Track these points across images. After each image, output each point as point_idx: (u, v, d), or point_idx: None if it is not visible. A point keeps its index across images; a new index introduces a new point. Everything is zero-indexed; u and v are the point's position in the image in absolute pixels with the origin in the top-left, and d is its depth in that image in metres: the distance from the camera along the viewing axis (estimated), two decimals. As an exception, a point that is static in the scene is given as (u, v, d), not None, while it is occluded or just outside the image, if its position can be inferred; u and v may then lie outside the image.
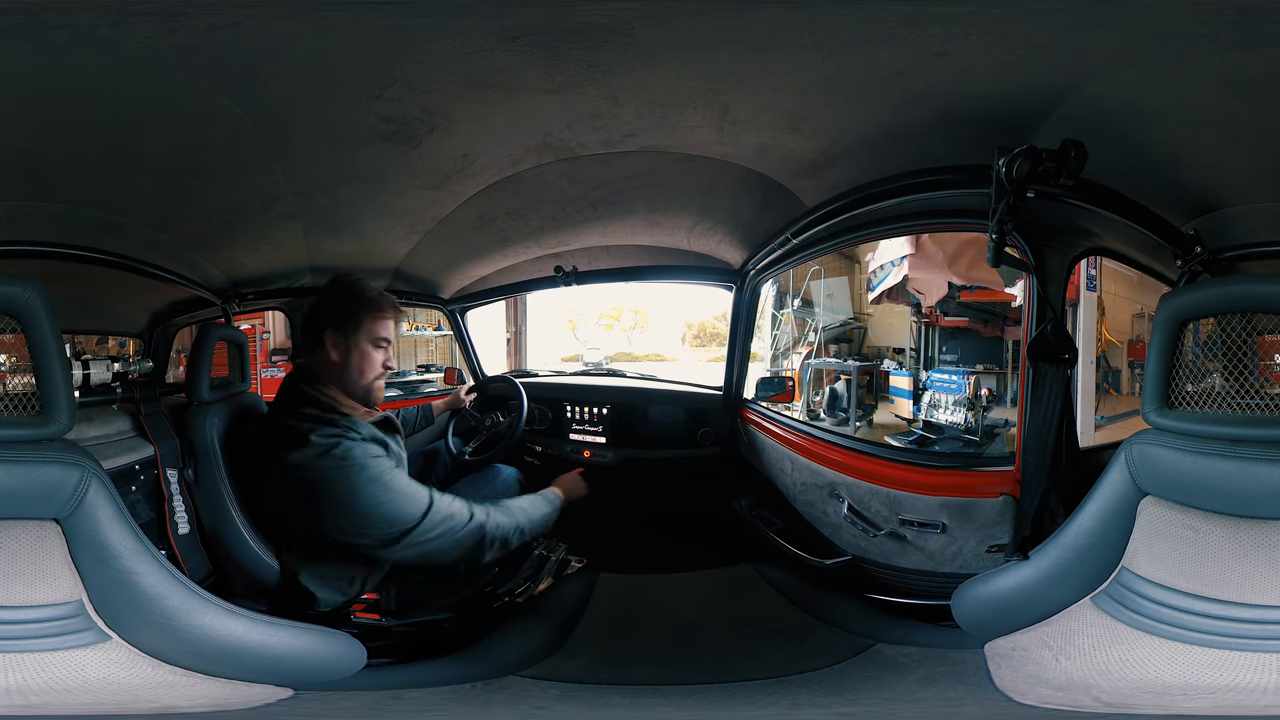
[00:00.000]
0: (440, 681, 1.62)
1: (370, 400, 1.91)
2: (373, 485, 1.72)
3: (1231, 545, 1.37)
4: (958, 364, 5.34)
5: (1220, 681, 1.31)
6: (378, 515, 1.72)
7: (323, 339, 1.87)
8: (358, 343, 1.87)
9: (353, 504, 1.71)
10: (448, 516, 1.79)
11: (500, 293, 3.44)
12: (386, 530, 1.72)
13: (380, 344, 1.90)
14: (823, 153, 1.81)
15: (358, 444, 1.75)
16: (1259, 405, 1.39)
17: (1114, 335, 4.53)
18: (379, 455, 1.77)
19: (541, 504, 2.06)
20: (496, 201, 2.17)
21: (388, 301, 1.92)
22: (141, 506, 1.88)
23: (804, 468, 2.44)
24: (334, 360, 1.87)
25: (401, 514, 1.73)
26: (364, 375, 1.88)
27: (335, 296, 1.92)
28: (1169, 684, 1.35)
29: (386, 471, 1.76)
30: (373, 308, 1.89)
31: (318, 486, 1.71)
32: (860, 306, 6.52)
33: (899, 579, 2.09)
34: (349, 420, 1.80)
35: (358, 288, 1.92)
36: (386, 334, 1.91)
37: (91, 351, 2.27)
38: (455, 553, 1.81)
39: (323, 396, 1.83)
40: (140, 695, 1.33)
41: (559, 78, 1.43)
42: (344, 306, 1.89)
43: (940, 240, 4.94)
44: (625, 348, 11.07)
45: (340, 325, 1.87)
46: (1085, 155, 1.39)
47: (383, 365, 1.91)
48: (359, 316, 1.88)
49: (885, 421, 5.85)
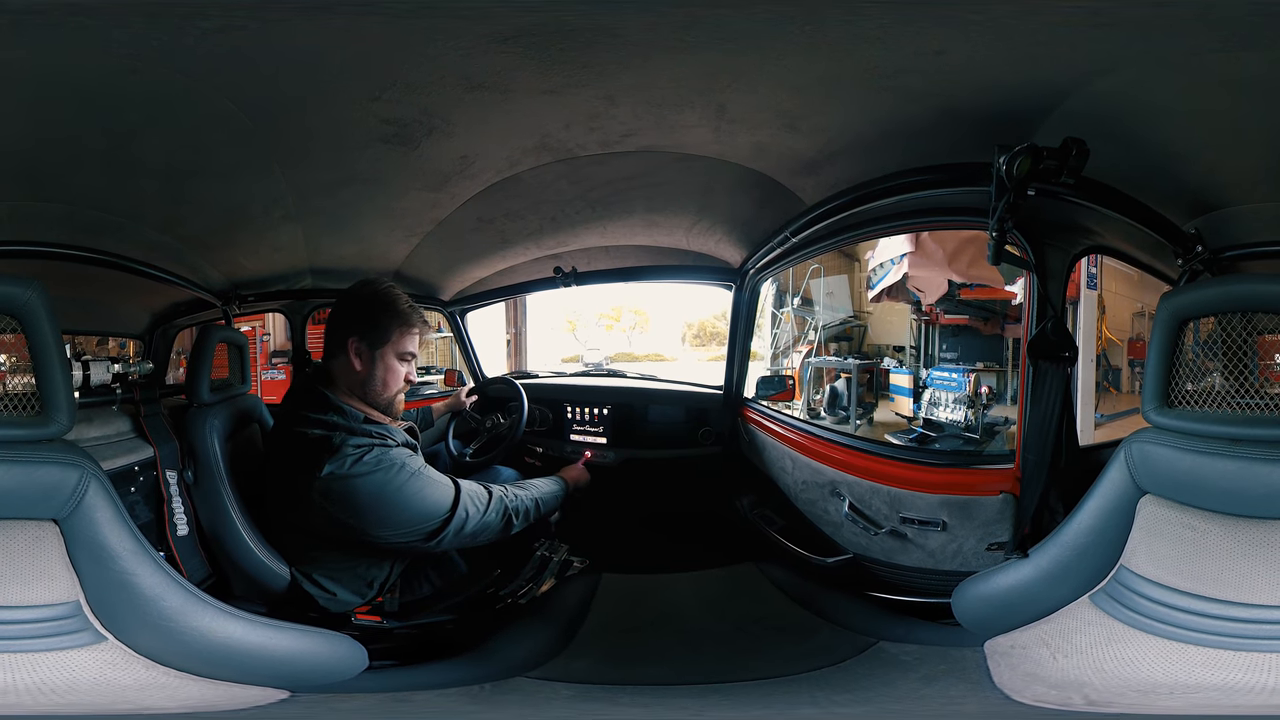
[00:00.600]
0: (444, 684, 1.61)
1: (392, 412, 1.87)
2: (415, 480, 1.73)
3: (1230, 545, 1.37)
4: (958, 362, 5.34)
5: (1212, 681, 1.31)
6: (422, 510, 1.74)
7: (346, 346, 1.80)
8: (383, 355, 1.81)
9: (398, 504, 1.71)
10: (473, 496, 1.83)
11: (500, 294, 3.44)
12: (430, 523, 1.74)
13: (406, 358, 1.85)
14: (821, 151, 1.81)
15: (393, 448, 1.75)
16: (1259, 405, 1.39)
17: (1114, 333, 4.53)
18: (412, 455, 1.79)
19: (550, 484, 2.12)
20: (495, 203, 2.17)
21: (418, 316, 1.85)
22: (140, 508, 1.89)
23: (805, 466, 2.44)
24: (357, 370, 1.80)
25: (441, 504, 1.76)
26: (387, 388, 1.83)
27: (365, 305, 1.83)
28: (1158, 682, 1.35)
29: (424, 468, 1.78)
30: (403, 321, 1.82)
31: (359, 493, 1.68)
32: (860, 304, 6.52)
33: (900, 577, 2.09)
34: (382, 428, 1.79)
35: (388, 298, 1.83)
36: (413, 348, 1.86)
37: (92, 352, 2.27)
38: (489, 532, 1.86)
39: (346, 406, 1.79)
40: (132, 696, 1.33)
41: (554, 78, 1.43)
42: (373, 317, 1.81)
43: (940, 238, 4.94)
44: (625, 348, 11.10)
45: (366, 335, 1.80)
46: (1087, 153, 1.39)
47: (405, 379, 1.86)
48: (388, 330, 1.81)
49: (886, 419, 5.86)
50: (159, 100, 1.42)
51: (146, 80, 1.34)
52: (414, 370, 1.88)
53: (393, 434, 1.80)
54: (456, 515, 1.77)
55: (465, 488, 1.83)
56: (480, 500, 1.84)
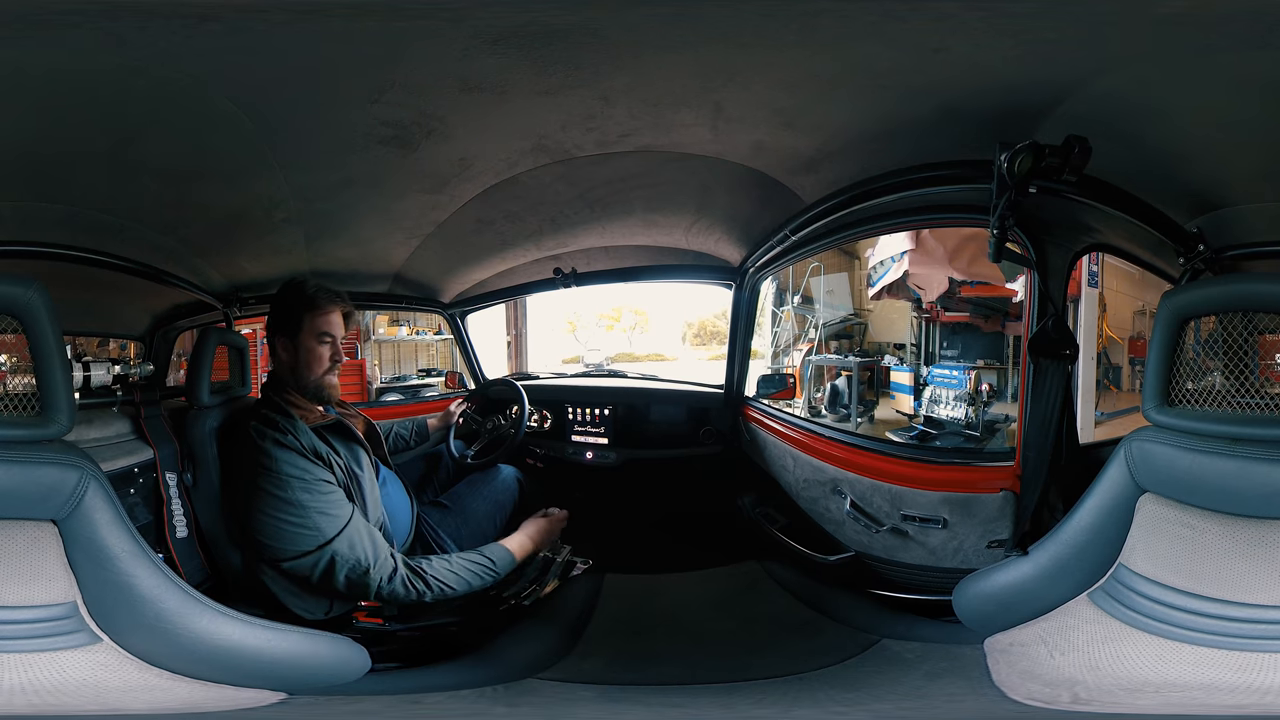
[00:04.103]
0: (449, 686, 1.60)
1: (323, 397, 1.93)
2: (284, 491, 1.71)
3: (1228, 544, 1.37)
4: (958, 359, 5.34)
5: (1200, 680, 1.31)
6: (274, 529, 1.71)
7: (276, 344, 1.93)
8: (302, 341, 1.90)
9: (261, 510, 1.72)
10: (357, 545, 1.73)
11: (500, 296, 3.44)
12: (280, 547, 1.72)
13: (324, 339, 1.92)
14: (820, 149, 1.81)
15: (283, 452, 1.75)
16: (1259, 404, 1.38)
17: (1115, 331, 4.53)
18: (303, 466, 1.75)
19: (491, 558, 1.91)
20: (494, 204, 2.17)
21: (325, 296, 1.93)
22: (140, 509, 1.89)
23: (806, 464, 2.44)
24: (284, 361, 1.92)
25: (298, 535, 1.71)
26: (311, 371, 1.90)
27: (278, 300, 1.97)
28: (1146, 680, 1.35)
29: (301, 485, 1.73)
30: (309, 305, 1.91)
31: (250, 488, 1.75)
32: (860, 302, 6.53)
33: (901, 574, 2.09)
34: (289, 423, 1.81)
35: (294, 288, 1.95)
36: (328, 328, 1.92)
37: (92, 353, 2.27)
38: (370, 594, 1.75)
39: (275, 397, 1.88)
40: (124, 699, 1.33)
41: (549, 79, 1.43)
42: (285, 308, 1.94)
43: (941, 235, 4.94)
44: (626, 348, 11.11)
45: (284, 327, 1.92)
46: (1089, 151, 1.38)
47: (330, 359, 1.92)
48: (299, 315, 1.91)
49: (886, 417, 5.86)
50: (161, 102, 1.42)
51: (149, 82, 1.34)
52: (338, 350, 1.94)
53: (297, 431, 1.79)
54: (315, 556, 1.70)
55: (353, 533, 1.73)
56: (367, 556, 1.73)
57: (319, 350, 1.91)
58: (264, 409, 1.86)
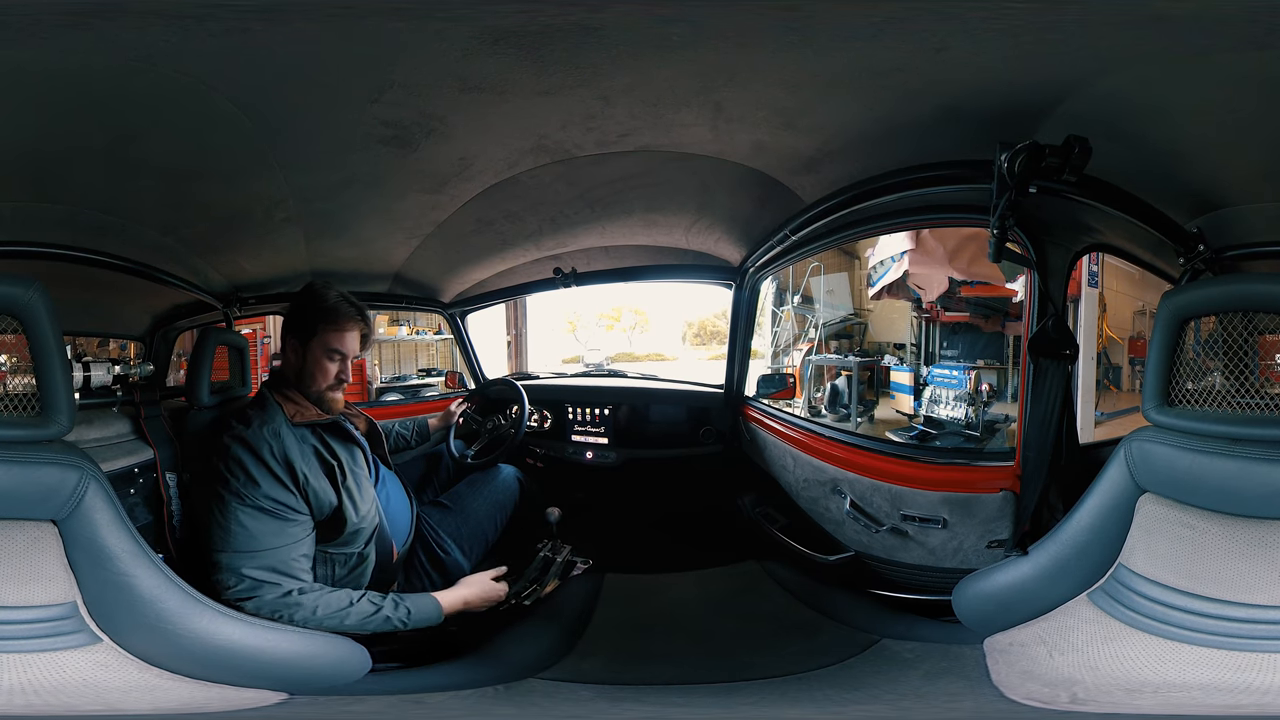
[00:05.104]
0: (449, 686, 1.60)
1: (325, 407, 1.86)
2: (221, 500, 1.66)
3: (1227, 544, 1.37)
4: (958, 359, 5.34)
5: (1204, 680, 1.31)
6: (216, 530, 1.66)
7: (286, 343, 1.88)
8: (311, 350, 1.84)
9: (212, 511, 1.67)
10: (299, 568, 1.68)
11: (500, 296, 3.44)
12: (214, 548, 1.65)
13: (333, 355, 1.85)
14: (820, 149, 1.81)
15: (247, 455, 1.68)
16: (1259, 405, 1.39)
17: (1115, 331, 4.54)
18: (256, 477, 1.67)
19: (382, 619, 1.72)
20: (494, 204, 2.17)
21: (346, 313, 1.85)
22: (140, 509, 1.89)
23: (806, 464, 2.44)
24: (291, 364, 1.86)
25: (224, 542, 1.64)
26: (315, 383, 1.84)
27: (297, 302, 1.91)
28: (1145, 680, 1.35)
29: (249, 496, 1.66)
30: (326, 318, 1.84)
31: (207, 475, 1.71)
32: (860, 302, 6.53)
33: (901, 574, 2.09)
34: (270, 425, 1.74)
35: (316, 296, 1.87)
36: (340, 345, 1.85)
37: (92, 353, 2.27)
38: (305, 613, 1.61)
39: (270, 393, 1.82)
40: (123, 699, 1.33)
41: (549, 79, 1.43)
42: (303, 313, 1.87)
43: (941, 235, 4.94)
44: (626, 348, 11.12)
45: (297, 331, 1.86)
46: (1089, 151, 1.38)
47: (336, 377, 1.86)
48: (314, 325, 1.84)
49: (886, 417, 5.87)
50: (161, 102, 1.42)
51: (149, 82, 1.34)
52: (346, 370, 1.88)
53: (269, 435, 1.72)
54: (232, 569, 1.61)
55: (296, 554, 1.67)
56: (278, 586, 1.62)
57: (326, 365, 1.85)
58: (251, 406, 1.81)
